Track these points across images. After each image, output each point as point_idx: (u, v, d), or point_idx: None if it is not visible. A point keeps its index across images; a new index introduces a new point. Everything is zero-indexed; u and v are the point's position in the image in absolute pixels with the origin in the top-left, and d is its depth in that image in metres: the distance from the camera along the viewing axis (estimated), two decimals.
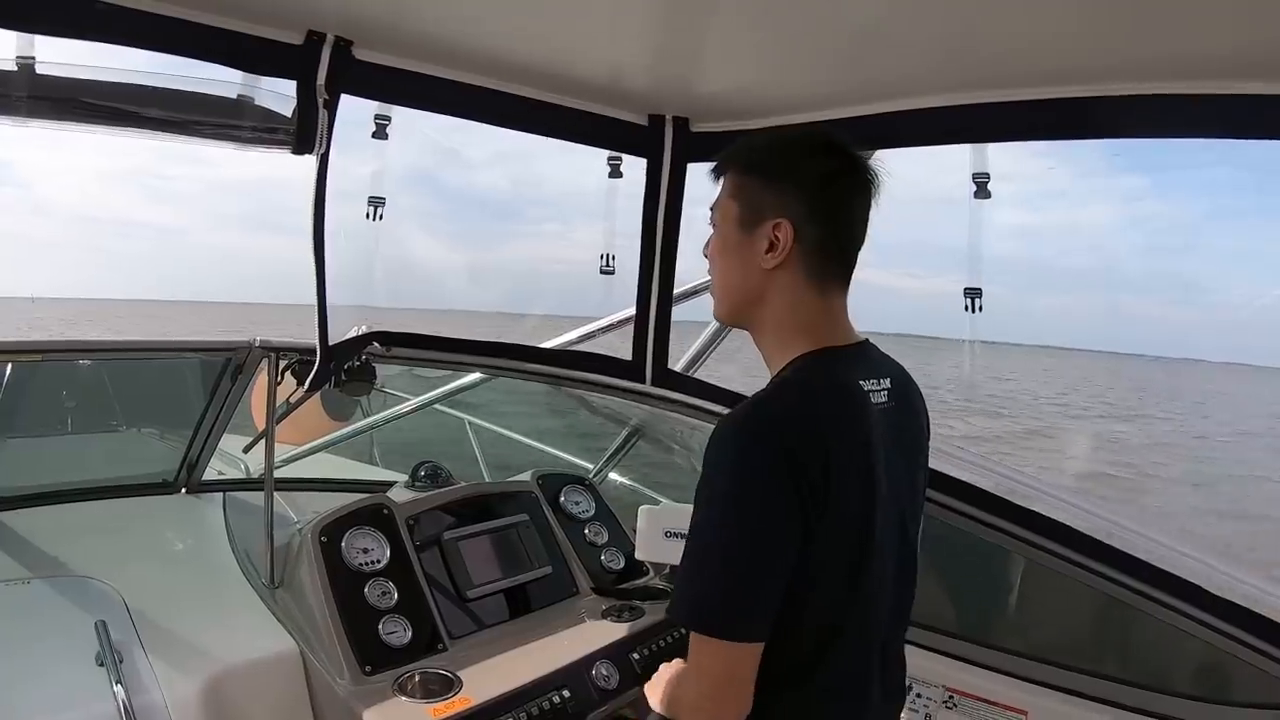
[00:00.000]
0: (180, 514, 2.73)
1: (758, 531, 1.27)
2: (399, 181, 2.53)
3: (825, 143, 1.42)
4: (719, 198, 1.47)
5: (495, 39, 2.06)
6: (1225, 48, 1.63)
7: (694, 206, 2.56)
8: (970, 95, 2.04)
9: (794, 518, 1.26)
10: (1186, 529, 12.21)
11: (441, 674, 1.99)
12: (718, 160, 1.49)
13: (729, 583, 1.28)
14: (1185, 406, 47.63)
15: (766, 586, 1.28)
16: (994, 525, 2.31)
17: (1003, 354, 79.47)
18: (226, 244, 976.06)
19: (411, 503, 2.35)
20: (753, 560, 1.26)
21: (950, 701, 2.34)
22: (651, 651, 2.23)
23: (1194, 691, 2.18)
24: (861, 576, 1.37)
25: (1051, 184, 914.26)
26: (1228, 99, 1.75)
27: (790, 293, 1.41)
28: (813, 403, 1.34)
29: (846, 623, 1.38)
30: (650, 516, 2.45)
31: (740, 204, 1.43)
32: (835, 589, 1.35)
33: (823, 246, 1.39)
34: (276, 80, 2.05)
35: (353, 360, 2.36)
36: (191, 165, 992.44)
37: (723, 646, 1.28)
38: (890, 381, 1.45)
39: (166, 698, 1.87)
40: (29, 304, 72.24)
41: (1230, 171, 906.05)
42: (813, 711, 1.40)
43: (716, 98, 2.34)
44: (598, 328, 2.90)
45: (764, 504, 1.27)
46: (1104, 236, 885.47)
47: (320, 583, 2.07)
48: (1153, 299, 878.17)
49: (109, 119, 1.95)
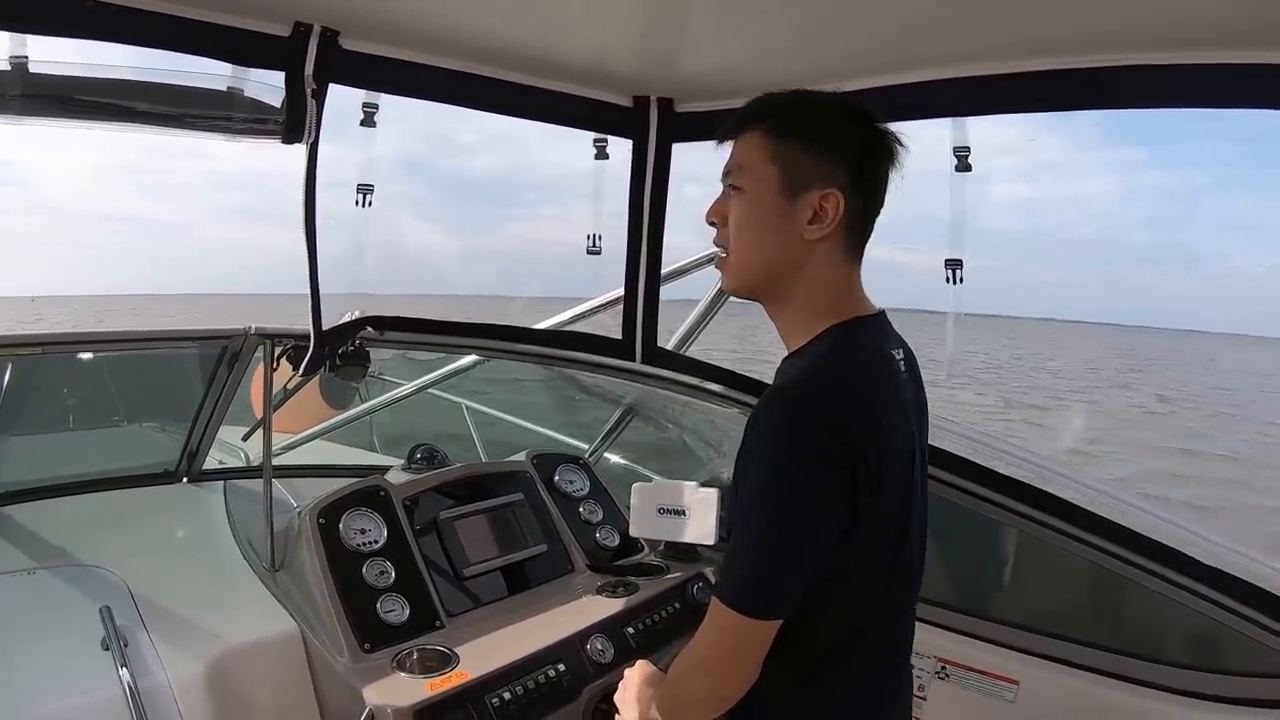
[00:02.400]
0: (182, 503, 2.76)
1: (809, 518, 1.27)
2: (396, 168, 2.57)
3: (857, 110, 1.39)
4: (744, 159, 1.40)
5: (479, 25, 2.08)
6: (1219, 16, 1.64)
7: (679, 185, 2.59)
8: (959, 68, 2.04)
9: (847, 501, 1.26)
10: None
11: (439, 650, 2.01)
12: (741, 118, 1.42)
13: (774, 567, 1.28)
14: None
15: (806, 570, 1.29)
16: (985, 498, 2.33)
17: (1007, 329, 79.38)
18: (228, 236, 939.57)
19: (408, 484, 2.37)
20: (802, 545, 1.27)
21: (942, 672, 2.36)
22: (646, 626, 2.25)
23: (1184, 660, 2.21)
24: (903, 546, 1.40)
25: (1043, 157, 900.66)
26: (1221, 68, 1.75)
27: (825, 265, 1.38)
28: (859, 379, 1.33)
29: (889, 594, 1.41)
30: (644, 494, 2.48)
31: (781, 170, 1.36)
32: (883, 561, 1.37)
33: (860, 219, 1.38)
34: (265, 72, 2.07)
35: (347, 344, 2.39)
36: (188, 159, 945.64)
37: (748, 624, 1.29)
38: (903, 351, 1.46)
39: (171, 679, 1.90)
40: (29, 303, 71.97)
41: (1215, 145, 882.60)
42: (857, 679, 1.44)
43: (700, 78, 2.36)
44: (588, 308, 2.92)
45: (817, 490, 1.26)
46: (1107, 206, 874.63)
47: (319, 564, 2.10)
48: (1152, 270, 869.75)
49: (101, 115, 1.97)
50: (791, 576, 1.28)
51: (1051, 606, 2.51)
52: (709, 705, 1.36)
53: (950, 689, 2.34)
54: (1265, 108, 1.82)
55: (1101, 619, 2.44)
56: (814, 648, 1.38)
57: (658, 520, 2.46)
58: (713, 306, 2.83)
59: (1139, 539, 2.14)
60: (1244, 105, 1.85)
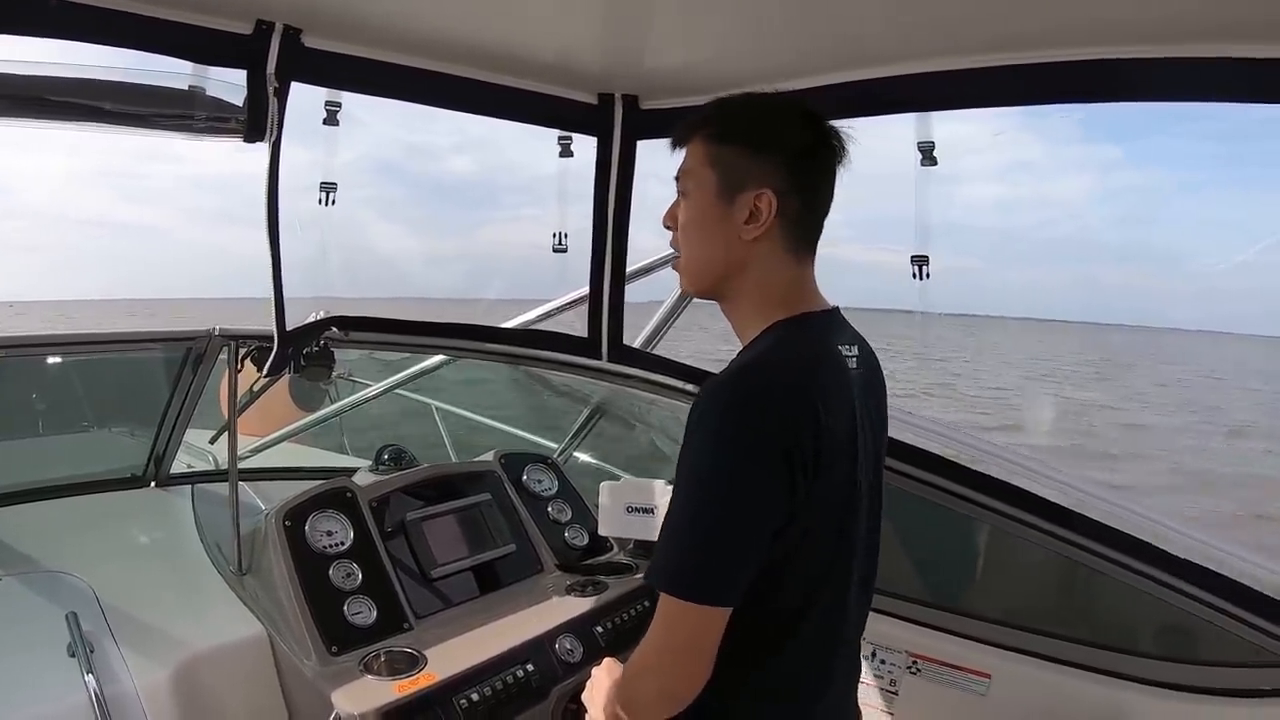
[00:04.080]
0: (149, 507, 2.74)
1: (743, 502, 1.27)
2: (369, 171, 2.57)
3: (803, 112, 1.41)
4: (689, 165, 1.43)
5: (443, 22, 2.08)
6: (1194, 8, 1.64)
7: (643, 183, 2.58)
8: (923, 64, 2.05)
9: (783, 488, 1.26)
10: None
11: (407, 652, 2.01)
12: (688, 125, 1.44)
13: (710, 551, 1.27)
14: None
15: (747, 555, 1.28)
16: (955, 492, 2.34)
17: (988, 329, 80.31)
18: (208, 240, 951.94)
19: (374, 485, 2.36)
20: (736, 529, 1.27)
21: (914, 667, 2.36)
22: (615, 625, 2.26)
23: (1156, 651, 2.21)
24: (843, 541, 1.39)
25: (1021, 154, 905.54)
26: (1197, 62, 1.75)
27: (769, 262, 1.40)
28: (800, 369, 1.34)
29: (824, 589, 1.39)
30: (612, 492, 2.48)
31: (719, 173, 1.39)
32: (820, 553, 1.36)
33: (801, 217, 1.39)
34: (227, 70, 2.05)
35: (311, 345, 2.37)
36: (167, 163, 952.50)
37: (693, 610, 1.27)
38: (858, 348, 1.46)
39: (138, 685, 1.89)
40: (8, 309, 71.30)
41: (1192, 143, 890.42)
42: (786, 677, 1.42)
43: (665, 75, 2.37)
44: (554, 307, 2.91)
45: (752, 474, 1.26)
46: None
47: (285, 567, 2.09)
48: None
49: (63, 114, 1.95)
50: (730, 559, 1.28)
51: (1023, 600, 2.52)
52: (660, 705, 1.35)
53: (922, 684, 2.34)
54: (1235, 101, 1.84)
55: (1073, 612, 2.45)
56: (742, 641, 1.35)
57: (627, 519, 2.46)
58: (679, 305, 2.84)
59: (1110, 532, 2.15)
60: (1213, 99, 1.86)
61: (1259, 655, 2.01)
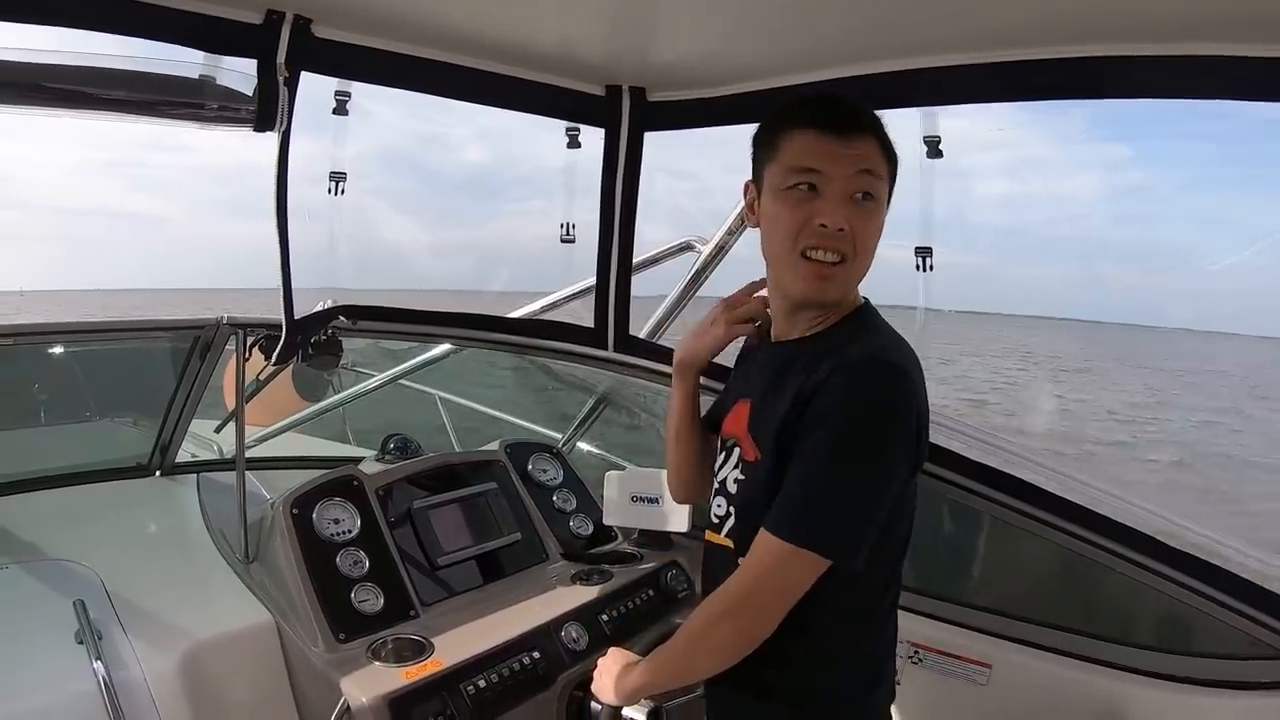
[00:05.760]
0: (155, 496, 2.75)
1: (889, 472, 1.37)
2: (381, 162, 2.58)
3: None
4: (873, 166, 1.45)
5: (452, 13, 2.08)
6: (1195, 7, 1.65)
7: (649, 175, 2.59)
8: (932, 58, 2.05)
9: (910, 467, 1.43)
10: None
11: (414, 639, 2.02)
12: (868, 119, 1.48)
13: (859, 514, 1.36)
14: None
15: (880, 521, 1.37)
16: (957, 483, 2.34)
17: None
18: (219, 231, 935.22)
19: (381, 474, 2.37)
20: (882, 498, 1.37)
21: (915, 656, 2.37)
22: (620, 613, 2.27)
23: (1154, 643, 2.23)
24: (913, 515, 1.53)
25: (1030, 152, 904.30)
26: (1198, 60, 1.76)
27: None
28: (914, 359, 1.46)
29: (901, 563, 1.54)
30: (617, 482, 2.48)
31: (889, 186, 1.49)
32: (905, 528, 1.50)
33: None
34: (237, 60, 2.06)
35: (319, 334, 2.38)
36: (176, 152, 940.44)
37: (809, 562, 1.34)
38: None
39: (146, 672, 1.89)
40: (19, 297, 71.00)
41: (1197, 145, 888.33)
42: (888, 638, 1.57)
43: (673, 67, 2.36)
44: (560, 297, 2.93)
45: (901, 451, 1.38)
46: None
47: (293, 554, 2.09)
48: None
49: (72, 103, 1.95)
50: (871, 527, 1.36)
51: (1024, 591, 2.53)
52: (734, 648, 1.41)
53: (923, 673, 2.35)
54: (1242, 100, 1.84)
55: (1073, 603, 2.45)
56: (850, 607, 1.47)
57: (631, 508, 2.47)
58: (685, 295, 2.85)
59: (1110, 524, 2.16)
60: (1222, 97, 1.86)
61: (1256, 648, 2.03)
